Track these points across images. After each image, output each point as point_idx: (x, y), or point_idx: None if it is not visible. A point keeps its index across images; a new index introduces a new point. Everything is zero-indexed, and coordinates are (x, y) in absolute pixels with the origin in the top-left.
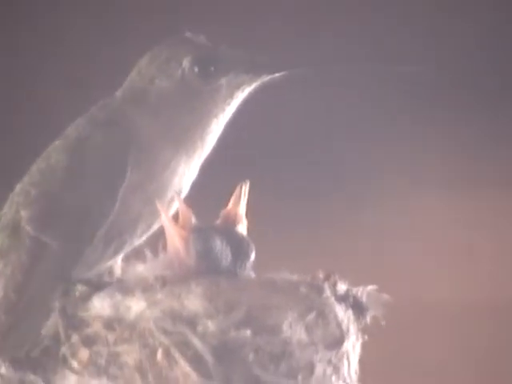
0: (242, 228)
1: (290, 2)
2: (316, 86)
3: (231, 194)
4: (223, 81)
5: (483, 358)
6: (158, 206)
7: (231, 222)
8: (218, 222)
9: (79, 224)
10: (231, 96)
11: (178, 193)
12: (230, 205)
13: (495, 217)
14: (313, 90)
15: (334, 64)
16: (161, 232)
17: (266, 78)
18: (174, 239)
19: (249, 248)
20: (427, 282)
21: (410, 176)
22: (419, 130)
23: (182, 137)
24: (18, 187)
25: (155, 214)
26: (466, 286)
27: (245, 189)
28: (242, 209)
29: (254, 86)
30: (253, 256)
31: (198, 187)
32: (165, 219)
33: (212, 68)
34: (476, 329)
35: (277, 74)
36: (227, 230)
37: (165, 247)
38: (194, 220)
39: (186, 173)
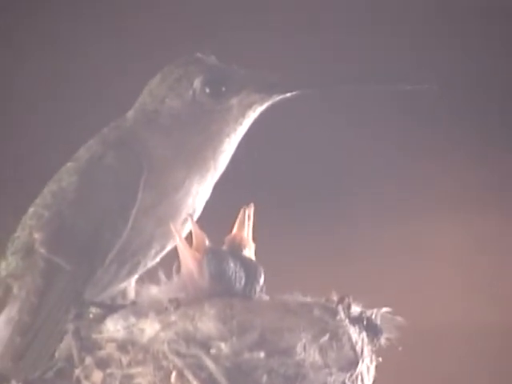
0: (250, 252)
1: (302, 21)
2: (324, 105)
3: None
4: (235, 100)
5: (498, 381)
6: (172, 227)
7: (237, 246)
8: (224, 247)
9: (91, 245)
10: (243, 115)
11: (192, 214)
12: (235, 230)
13: (509, 239)
14: (321, 109)
15: (345, 84)
16: (175, 254)
17: (277, 98)
18: (188, 261)
19: (257, 272)
20: (441, 305)
21: (424, 197)
22: (433, 151)
23: (195, 156)
24: (31, 210)
25: (169, 235)
26: (480, 309)
27: (249, 212)
28: (247, 233)
29: (265, 105)
30: (262, 280)
31: (208, 207)
32: (178, 241)
33: (223, 88)
34: (491, 351)
35: (288, 94)
36: (235, 255)
37: (179, 269)
38: (207, 242)
39: (199, 193)
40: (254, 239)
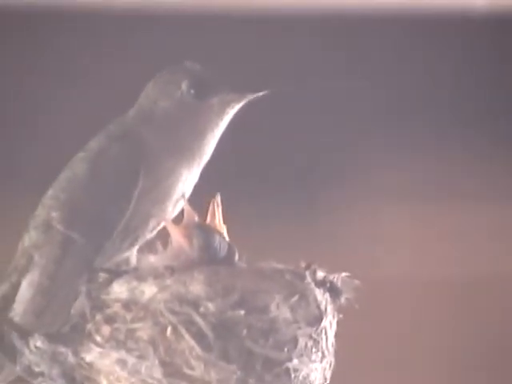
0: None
1: (276, 24)
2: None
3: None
4: (215, 100)
5: (451, 333)
6: (162, 219)
7: None
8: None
9: (100, 223)
10: (223, 112)
11: (183, 195)
12: (208, 219)
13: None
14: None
15: (316, 84)
16: None
17: (251, 97)
18: (178, 238)
19: (230, 251)
20: (388, 259)
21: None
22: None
23: (183, 148)
24: (49, 192)
25: (163, 212)
26: (428, 263)
27: (216, 201)
28: (218, 220)
29: (242, 103)
30: (236, 257)
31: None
32: (168, 225)
33: (206, 90)
34: (444, 305)
35: (260, 93)
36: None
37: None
38: (196, 218)
39: (187, 178)
40: (233, 219)
